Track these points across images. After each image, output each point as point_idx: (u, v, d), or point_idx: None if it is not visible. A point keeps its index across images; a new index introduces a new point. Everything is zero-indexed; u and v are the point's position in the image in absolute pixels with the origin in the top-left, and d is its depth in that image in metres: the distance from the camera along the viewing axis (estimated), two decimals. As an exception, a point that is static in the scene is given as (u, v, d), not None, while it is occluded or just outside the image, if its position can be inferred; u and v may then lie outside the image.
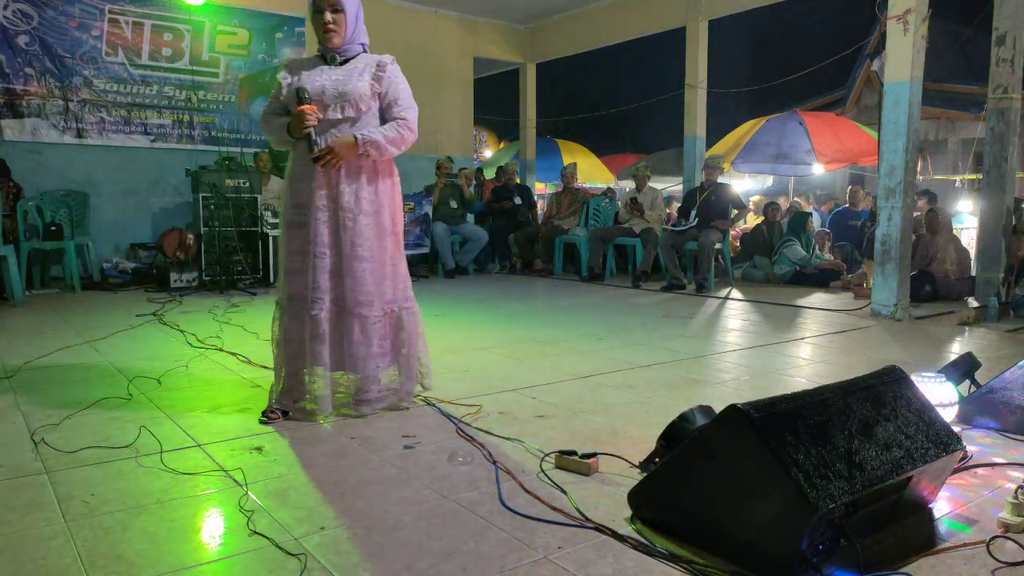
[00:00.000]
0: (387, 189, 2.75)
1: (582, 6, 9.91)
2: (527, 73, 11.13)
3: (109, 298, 6.04)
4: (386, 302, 2.75)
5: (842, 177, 13.68)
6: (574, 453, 2.21)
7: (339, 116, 2.64)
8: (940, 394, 2.60)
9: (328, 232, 2.64)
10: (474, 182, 10.07)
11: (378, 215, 2.71)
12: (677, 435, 2.07)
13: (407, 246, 7.64)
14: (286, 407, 2.70)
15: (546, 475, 2.14)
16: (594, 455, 2.20)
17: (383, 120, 2.74)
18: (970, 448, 2.31)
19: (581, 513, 1.87)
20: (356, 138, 2.61)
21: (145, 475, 2.14)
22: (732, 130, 10.71)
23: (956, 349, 4.19)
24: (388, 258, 2.75)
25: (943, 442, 1.84)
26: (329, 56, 2.71)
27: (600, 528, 1.79)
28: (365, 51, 2.78)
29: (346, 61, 2.71)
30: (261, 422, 2.62)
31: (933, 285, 6.15)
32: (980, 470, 2.22)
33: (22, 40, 7.01)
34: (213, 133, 8.11)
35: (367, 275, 2.67)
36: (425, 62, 9.83)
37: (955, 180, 12.60)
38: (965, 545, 1.72)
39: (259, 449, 2.35)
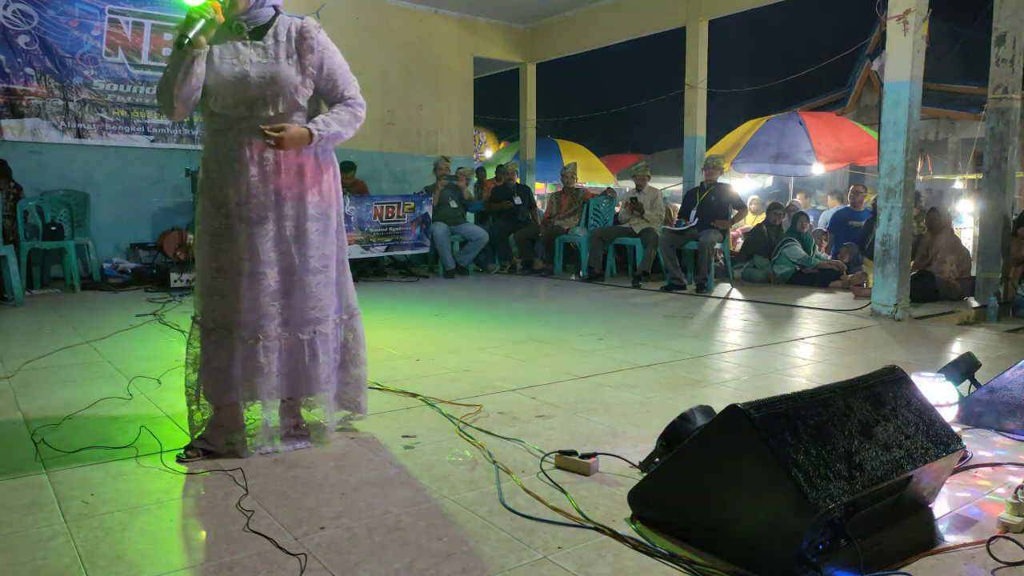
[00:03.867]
0: (330, 187, 2.39)
1: (582, 6, 9.92)
2: (527, 73, 11.13)
3: (109, 298, 6.04)
4: (336, 311, 2.43)
5: (842, 177, 13.68)
6: (574, 453, 2.21)
7: (270, 113, 2.20)
8: (940, 394, 2.60)
9: (270, 247, 2.24)
10: (475, 180, 10.08)
11: (326, 218, 2.35)
12: (677, 435, 2.07)
13: (407, 246, 7.80)
14: (214, 446, 2.28)
15: (546, 475, 2.14)
16: (594, 455, 2.20)
17: (325, 100, 2.36)
18: (970, 448, 2.31)
19: (581, 513, 1.87)
20: (312, 133, 2.21)
21: (145, 475, 2.14)
22: (732, 130, 10.71)
23: (956, 349, 4.19)
24: (336, 263, 2.42)
25: (943, 442, 1.84)
26: (235, 25, 2.20)
27: (600, 528, 1.79)
28: (277, 11, 2.30)
29: (259, 31, 2.24)
30: (179, 460, 2.24)
31: (933, 285, 6.15)
32: (980, 470, 2.22)
33: (22, 40, 7.01)
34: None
35: (320, 288, 2.34)
36: (425, 62, 9.84)
37: (955, 180, 12.59)
38: (965, 545, 1.72)
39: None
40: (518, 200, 8.87)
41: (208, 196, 2.27)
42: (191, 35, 2.09)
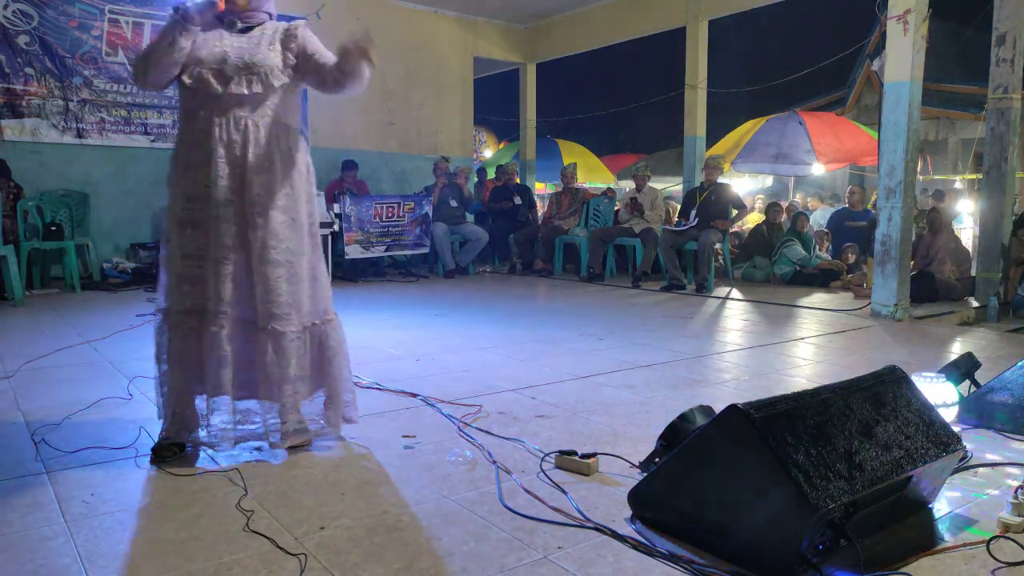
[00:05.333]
0: (303, 180, 2.34)
1: (582, 6, 9.91)
2: (527, 73, 11.13)
3: (109, 298, 6.04)
4: (305, 315, 2.31)
5: (842, 177, 13.68)
6: (574, 453, 2.21)
7: (244, 91, 2.21)
8: (940, 394, 2.61)
9: (233, 232, 2.21)
10: (475, 180, 10.07)
11: (294, 211, 2.29)
12: (677, 435, 2.07)
13: (407, 246, 7.80)
14: (181, 439, 2.29)
15: (546, 475, 2.14)
16: (594, 455, 2.20)
17: (316, 79, 2.33)
18: (970, 448, 2.31)
19: (581, 513, 1.87)
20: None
21: (145, 475, 2.14)
22: (732, 130, 10.71)
23: (956, 349, 4.18)
24: (306, 262, 2.32)
25: (943, 442, 1.84)
26: (228, 20, 2.29)
27: (600, 528, 1.79)
28: (270, 17, 2.39)
29: (249, 28, 2.32)
30: (152, 462, 2.22)
31: (933, 285, 6.15)
32: (980, 470, 2.22)
33: (22, 40, 7.00)
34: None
35: (282, 283, 2.24)
36: (425, 62, 9.83)
37: (955, 180, 12.60)
38: (965, 545, 1.72)
39: (259, 449, 2.35)
40: (518, 200, 8.87)
41: (177, 182, 2.26)
42: (186, 3, 2.18)
